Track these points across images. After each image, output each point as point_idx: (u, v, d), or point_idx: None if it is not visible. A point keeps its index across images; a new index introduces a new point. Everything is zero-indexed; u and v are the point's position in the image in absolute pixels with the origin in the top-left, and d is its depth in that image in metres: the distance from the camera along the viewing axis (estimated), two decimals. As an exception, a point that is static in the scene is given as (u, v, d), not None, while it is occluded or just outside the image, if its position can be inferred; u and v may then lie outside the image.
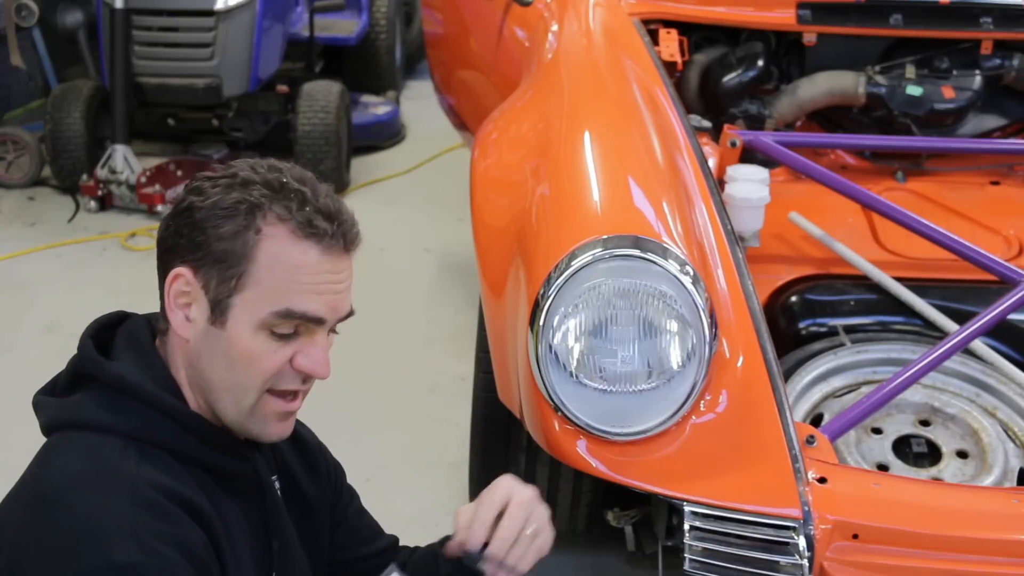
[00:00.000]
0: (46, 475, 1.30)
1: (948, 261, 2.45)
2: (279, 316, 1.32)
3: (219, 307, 1.32)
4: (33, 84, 6.04)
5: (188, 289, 1.34)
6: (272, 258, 1.31)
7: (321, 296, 1.34)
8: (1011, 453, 2.10)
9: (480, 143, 2.60)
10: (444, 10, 4.18)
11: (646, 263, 1.83)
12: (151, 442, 1.32)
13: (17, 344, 3.85)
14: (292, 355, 1.35)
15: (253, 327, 1.32)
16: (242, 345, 1.32)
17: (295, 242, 1.32)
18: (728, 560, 1.77)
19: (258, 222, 1.31)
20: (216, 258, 1.31)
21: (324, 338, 1.38)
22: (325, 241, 1.33)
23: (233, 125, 5.36)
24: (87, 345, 1.38)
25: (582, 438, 1.84)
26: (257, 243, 1.31)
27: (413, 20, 7.11)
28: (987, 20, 2.93)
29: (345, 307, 1.39)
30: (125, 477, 1.27)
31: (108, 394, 1.34)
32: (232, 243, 1.31)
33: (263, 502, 1.43)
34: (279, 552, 1.44)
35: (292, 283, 1.31)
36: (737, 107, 2.96)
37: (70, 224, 4.95)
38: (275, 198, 1.32)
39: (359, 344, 3.93)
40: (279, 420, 1.39)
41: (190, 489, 1.31)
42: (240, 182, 1.33)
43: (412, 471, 3.22)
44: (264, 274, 1.31)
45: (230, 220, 1.31)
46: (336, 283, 1.36)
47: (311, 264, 1.32)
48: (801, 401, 2.19)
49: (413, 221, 5.00)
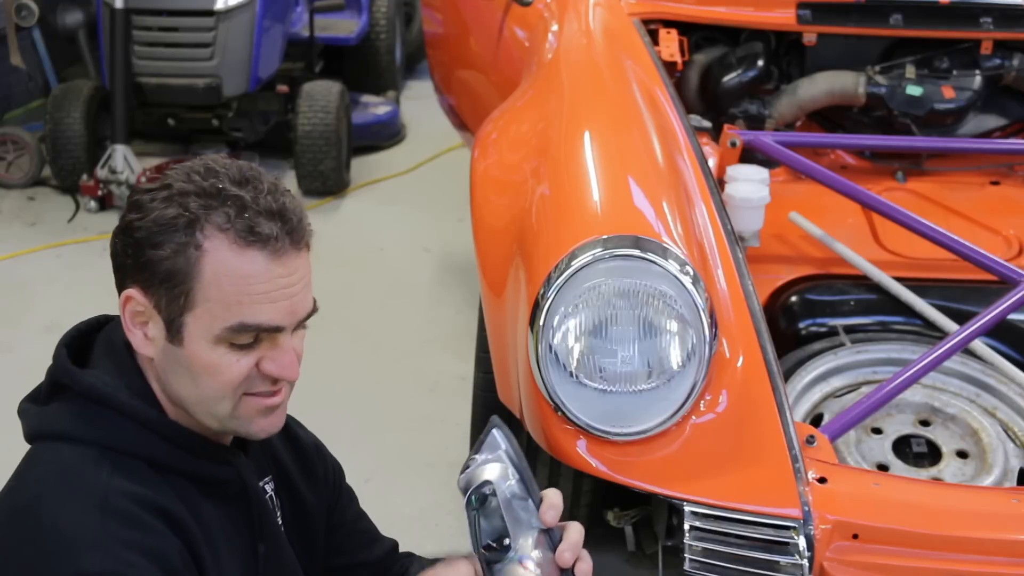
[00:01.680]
0: (20, 487, 1.30)
1: (948, 261, 2.45)
2: (233, 331, 1.28)
3: (173, 326, 1.30)
4: (33, 84, 6.04)
5: (141, 309, 1.31)
6: (217, 273, 1.27)
7: (275, 303, 1.29)
8: (1011, 453, 2.10)
9: (480, 143, 2.60)
10: (444, 10, 4.18)
11: (646, 263, 1.83)
12: (126, 452, 1.31)
13: (17, 344, 3.85)
14: (258, 360, 1.32)
15: (210, 343, 1.29)
16: (202, 360, 1.30)
17: (237, 252, 1.27)
18: (728, 560, 1.77)
19: (197, 237, 1.27)
20: (162, 279, 1.28)
21: (288, 340, 1.33)
22: (270, 245, 1.27)
23: (233, 125, 5.36)
24: (61, 354, 1.36)
25: (582, 438, 1.84)
26: (199, 259, 1.27)
27: (413, 20, 7.10)
28: (987, 20, 2.93)
29: (303, 308, 1.33)
30: (97, 487, 1.26)
31: (82, 404, 1.33)
32: (175, 261, 1.27)
33: (248, 507, 1.42)
34: (265, 556, 1.42)
35: (242, 295, 1.27)
36: (737, 107, 2.96)
37: (70, 224, 4.95)
38: (212, 207, 1.27)
39: (359, 344, 3.93)
40: (263, 416, 1.36)
41: (166, 498, 1.30)
42: (177, 193, 1.28)
43: (412, 471, 3.22)
44: (212, 290, 1.27)
45: (169, 238, 1.27)
46: (289, 286, 1.30)
47: (259, 272, 1.27)
48: (801, 401, 2.19)
49: (413, 221, 5.00)
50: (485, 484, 1.33)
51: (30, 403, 1.39)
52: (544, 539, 1.32)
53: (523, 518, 1.32)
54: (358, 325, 4.05)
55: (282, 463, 1.54)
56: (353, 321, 4.07)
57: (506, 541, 1.30)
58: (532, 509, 1.33)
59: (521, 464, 1.35)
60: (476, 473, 1.35)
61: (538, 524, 1.32)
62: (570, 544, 1.30)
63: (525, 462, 1.36)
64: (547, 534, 1.32)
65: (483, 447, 1.36)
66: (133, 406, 1.32)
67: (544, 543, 1.32)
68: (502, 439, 1.36)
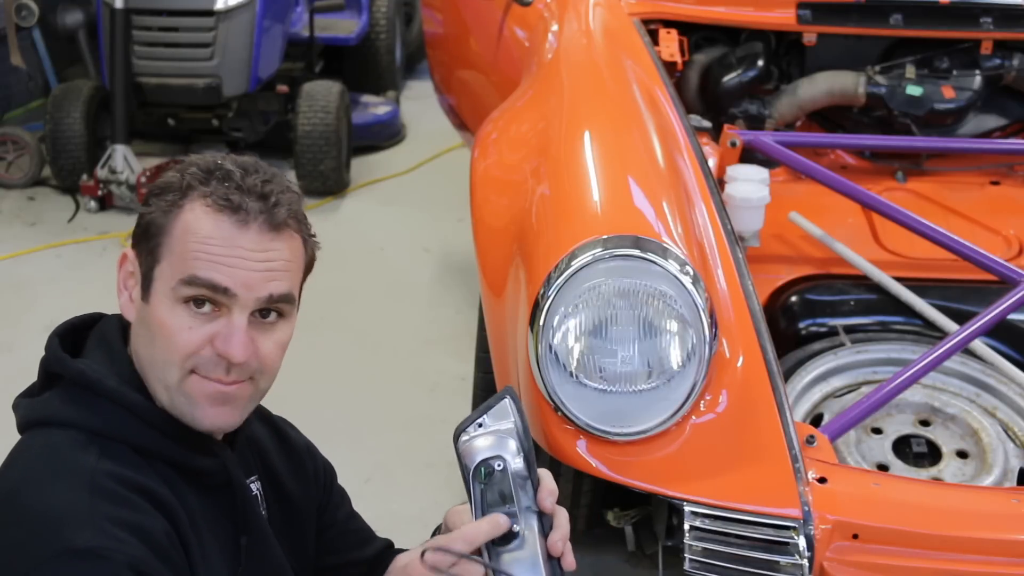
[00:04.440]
0: (9, 472, 1.32)
1: (948, 261, 2.45)
2: (184, 283, 1.31)
3: (146, 281, 1.35)
4: (33, 84, 6.04)
5: (132, 269, 1.38)
6: (185, 229, 1.32)
7: (231, 269, 1.32)
8: (1011, 453, 2.10)
9: (480, 143, 2.60)
10: (444, 10, 4.18)
11: (646, 263, 1.83)
12: (113, 437, 1.33)
13: (17, 344, 3.85)
14: (211, 337, 1.33)
15: (170, 300, 1.33)
16: (160, 317, 1.33)
17: (209, 214, 1.32)
18: (728, 560, 1.77)
19: (181, 200, 1.33)
20: (143, 232, 1.35)
21: (242, 320, 1.33)
22: (239, 215, 1.32)
23: (233, 125, 5.36)
24: (53, 344, 1.39)
25: (582, 438, 1.84)
26: (175, 216, 1.33)
27: (413, 20, 7.10)
28: (987, 20, 2.93)
29: (265, 287, 1.34)
30: (84, 469, 1.28)
31: (72, 391, 1.35)
32: (156, 217, 1.34)
33: (232, 498, 1.42)
34: (247, 548, 1.43)
35: (199, 252, 1.31)
36: (737, 107, 2.96)
37: (70, 224, 4.95)
38: (205, 179, 1.34)
39: (359, 344, 3.93)
40: (212, 403, 1.35)
41: (152, 481, 1.31)
42: (183, 166, 1.37)
43: (412, 471, 3.22)
44: (177, 243, 1.32)
45: (160, 199, 1.34)
46: (251, 259, 1.32)
47: (222, 236, 1.32)
48: (801, 401, 2.19)
49: (413, 221, 5.00)
50: (496, 459, 1.32)
51: (23, 397, 1.41)
52: (539, 523, 1.32)
53: (524, 501, 1.32)
54: (358, 325, 4.05)
55: (270, 464, 1.54)
56: (353, 321, 4.07)
57: (516, 528, 1.30)
58: (531, 491, 1.33)
59: (528, 444, 1.34)
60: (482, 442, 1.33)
61: (536, 508, 1.32)
62: (561, 534, 1.32)
63: (531, 441, 1.35)
64: (540, 518, 1.33)
65: (491, 412, 1.34)
66: (121, 392, 1.34)
67: (539, 527, 1.32)
68: (513, 412, 1.34)
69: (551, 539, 1.31)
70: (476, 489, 1.32)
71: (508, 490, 1.31)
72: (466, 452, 1.33)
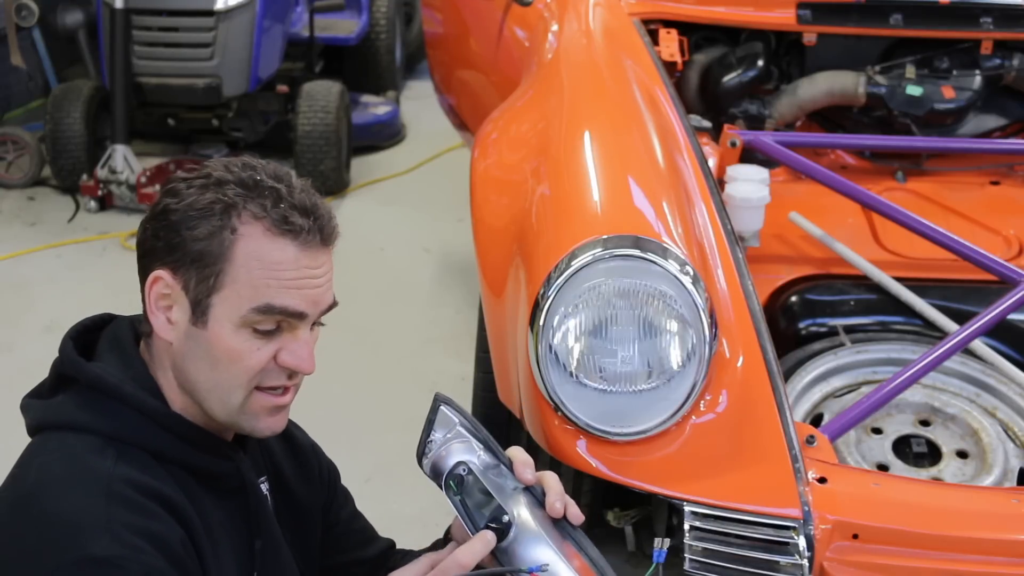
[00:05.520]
0: (24, 475, 1.31)
1: (948, 261, 2.45)
2: (259, 312, 1.32)
3: (199, 307, 1.33)
4: (33, 84, 6.04)
5: (168, 292, 1.34)
6: (249, 256, 1.31)
7: (301, 291, 1.33)
8: (1011, 453, 2.10)
9: (480, 143, 2.60)
10: (444, 10, 4.18)
11: (646, 263, 1.83)
12: (130, 442, 1.32)
13: (17, 344, 3.86)
14: (276, 351, 1.35)
15: (234, 325, 1.32)
16: (224, 344, 1.33)
17: (271, 239, 1.32)
18: (728, 560, 1.77)
19: (233, 221, 1.31)
20: (193, 259, 1.32)
21: (307, 333, 1.37)
22: (301, 237, 1.33)
23: (233, 125, 5.36)
24: (67, 347, 1.39)
25: (582, 438, 1.84)
26: (234, 242, 1.31)
27: (413, 20, 7.11)
28: (987, 20, 2.92)
29: (326, 300, 1.38)
30: (101, 474, 1.28)
31: (88, 395, 1.35)
32: (208, 243, 1.31)
33: (246, 502, 1.43)
34: (261, 552, 1.44)
35: (270, 279, 1.31)
36: (737, 107, 2.96)
37: (70, 224, 4.95)
38: (249, 196, 1.32)
39: (359, 344, 3.93)
40: (269, 415, 1.39)
41: (168, 487, 1.32)
42: (214, 182, 1.33)
43: (412, 471, 3.18)
44: (242, 272, 1.31)
45: (205, 221, 1.31)
46: (315, 277, 1.35)
47: (289, 260, 1.32)
48: (801, 401, 2.19)
49: (413, 221, 5.00)
50: (459, 465, 1.35)
51: (33, 398, 1.40)
52: (528, 498, 1.33)
53: (504, 485, 1.34)
54: (358, 325, 4.04)
55: (278, 463, 1.55)
56: (353, 321, 4.06)
57: (505, 518, 1.31)
58: (507, 472, 1.35)
59: (481, 433, 1.37)
60: (441, 455, 1.37)
61: (518, 484, 1.34)
62: (556, 494, 1.33)
63: (484, 430, 1.38)
64: (528, 491, 1.34)
65: (435, 425, 1.39)
66: (138, 397, 1.34)
67: (531, 502, 1.33)
68: (453, 413, 1.38)
69: (548, 504, 1.33)
70: (455, 501, 1.35)
71: (485, 486, 1.33)
72: (432, 473, 1.38)
